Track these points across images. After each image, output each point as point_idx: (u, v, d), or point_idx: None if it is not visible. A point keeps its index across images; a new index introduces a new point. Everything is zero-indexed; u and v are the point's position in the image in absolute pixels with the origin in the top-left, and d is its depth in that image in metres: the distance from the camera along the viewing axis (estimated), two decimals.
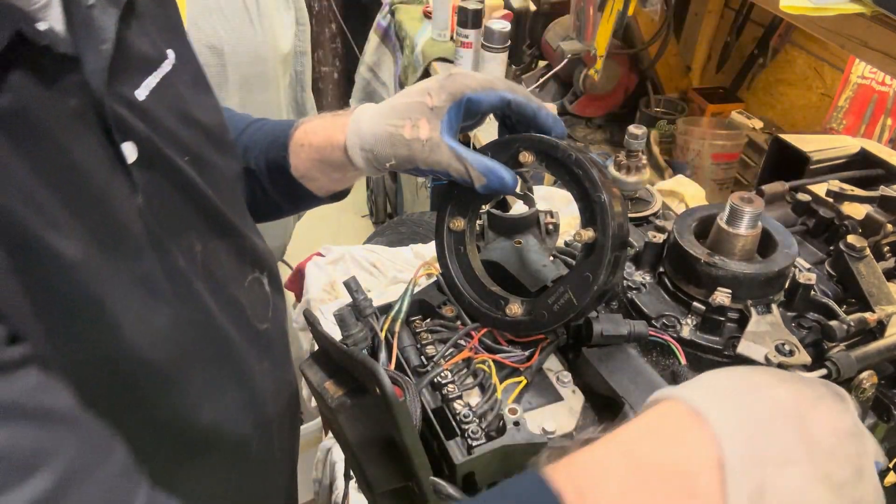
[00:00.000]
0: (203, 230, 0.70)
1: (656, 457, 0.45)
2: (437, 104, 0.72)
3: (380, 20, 2.82)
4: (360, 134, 0.76)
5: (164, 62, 0.67)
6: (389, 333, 0.70)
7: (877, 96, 1.53)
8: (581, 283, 0.63)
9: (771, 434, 0.46)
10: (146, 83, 0.63)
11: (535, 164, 0.68)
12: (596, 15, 1.64)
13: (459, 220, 0.73)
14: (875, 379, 0.63)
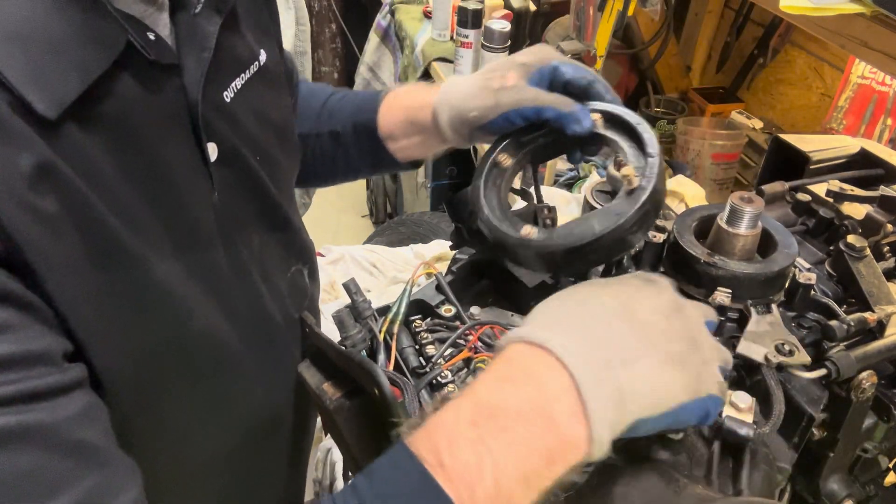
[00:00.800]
0: (261, 224, 0.73)
1: (510, 401, 0.46)
2: (527, 61, 0.76)
3: (380, 20, 2.82)
4: (450, 92, 0.80)
5: (254, 63, 0.70)
6: (388, 335, 0.70)
7: (877, 96, 1.53)
8: (608, 216, 0.62)
9: (610, 341, 0.49)
10: (234, 84, 0.66)
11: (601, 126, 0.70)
12: (596, 15, 1.64)
13: (508, 158, 0.73)
14: (875, 379, 0.63)
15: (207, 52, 0.59)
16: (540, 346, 0.48)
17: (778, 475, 0.63)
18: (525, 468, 0.45)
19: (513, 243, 0.65)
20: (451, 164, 2.46)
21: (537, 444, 0.45)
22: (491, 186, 0.72)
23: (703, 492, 0.57)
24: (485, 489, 0.44)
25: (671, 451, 0.62)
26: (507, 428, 0.45)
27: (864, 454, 0.71)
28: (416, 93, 0.86)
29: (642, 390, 0.48)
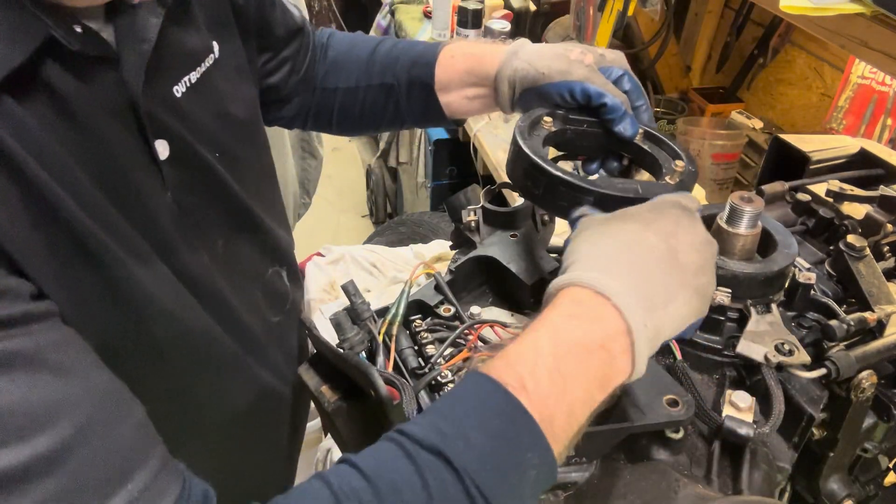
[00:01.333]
0: (226, 226, 0.72)
1: (578, 336, 0.51)
2: (605, 55, 0.79)
3: (380, 20, 2.82)
4: (523, 48, 0.81)
5: (208, 56, 0.68)
6: (387, 336, 0.70)
7: (877, 96, 1.53)
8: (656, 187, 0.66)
9: (655, 284, 0.53)
10: (186, 79, 0.64)
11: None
12: (596, 15, 1.64)
13: (551, 123, 0.75)
14: (875, 378, 0.63)
15: (147, 45, 0.58)
16: (600, 292, 0.52)
17: (778, 475, 0.63)
18: (588, 393, 0.50)
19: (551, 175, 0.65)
20: (451, 164, 2.47)
21: (599, 373, 0.51)
22: (531, 132, 0.73)
23: (702, 491, 0.57)
24: (561, 412, 0.49)
25: (671, 451, 0.62)
26: (580, 361, 0.50)
27: (864, 454, 0.71)
28: (484, 45, 0.87)
29: (673, 325, 0.54)
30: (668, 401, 0.58)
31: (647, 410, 0.58)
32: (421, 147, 2.53)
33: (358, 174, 3.43)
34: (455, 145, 2.37)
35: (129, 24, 0.57)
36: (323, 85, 0.94)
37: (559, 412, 0.49)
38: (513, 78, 0.80)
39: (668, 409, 0.58)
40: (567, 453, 0.52)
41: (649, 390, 0.60)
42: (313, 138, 2.20)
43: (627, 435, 0.61)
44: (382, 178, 3.02)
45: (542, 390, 0.49)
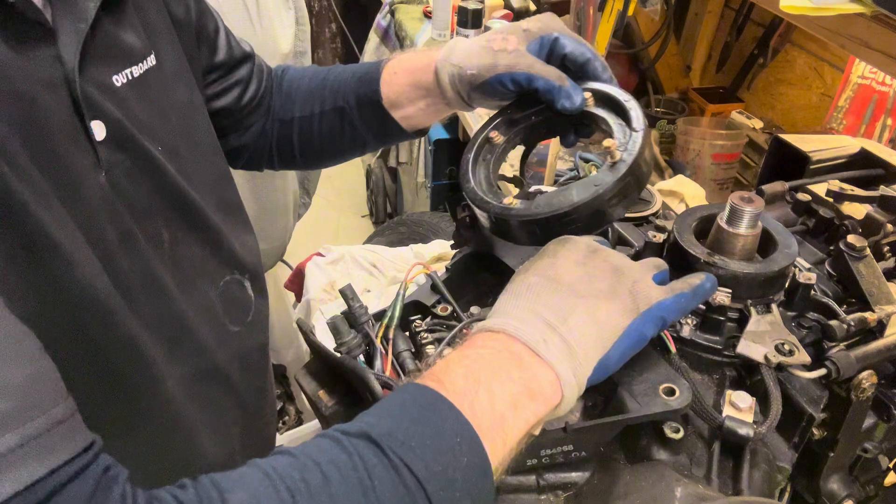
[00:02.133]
0: (172, 219, 0.71)
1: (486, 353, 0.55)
2: (530, 28, 0.77)
3: (380, 20, 2.82)
4: (453, 51, 0.81)
5: (148, 58, 0.69)
6: (384, 340, 0.70)
7: (877, 96, 1.53)
8: (587, 186, 0.63)
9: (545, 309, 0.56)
10: (126, 72, 0.66)
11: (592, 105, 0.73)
12: (596, 15, 1.64)
13: (499, 136, 0.75)
14: (875, 378, 0.63)
15: (84, 24, 0.59)
16: (497, 331, 0.56)
17: (778, 475, 0.63)
18: (511, 393, 0.52)
19: (495, 212, 0.66)
20: (451, 164, 2.46)
21: (515, 376, 0.53)
22: (480, 161, 0.73)
23: (702, 491, 0.57)
24: (481, 403, 0.51)
25: (671, 451, 0.62)
26: (490, 364, 0.53)
27: (864, 454, 0.71)
28: (419, 56, 0.87)
29: (586, 335, 0.55)
30: (664, 390, 0.58)
31: (644, 401, 0.58)
32: (421, 147, 2.53)
33: (358, 174, 3.43)
34: (455, 145, 2.37)
35: (66, 6, 0.59)
36: (279, 116, 0.95)
37: (479, 404, 0.51)
38: (453, 83, 0.81)
39: (664, 398, 0.58)
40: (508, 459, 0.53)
41: (646, 381, 0.59)
42: None
43: (626, 427, 0.61)
44: (382, 178, 3.02)
45: (458, 386, 0.51)
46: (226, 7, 1.63)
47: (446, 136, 2.40)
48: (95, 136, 0.61)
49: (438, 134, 2.41)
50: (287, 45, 1.88)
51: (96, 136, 0.61)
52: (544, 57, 0.76)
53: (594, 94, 0.72)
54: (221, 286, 0.78)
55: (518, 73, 0.73)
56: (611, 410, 0.60)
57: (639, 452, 0.63)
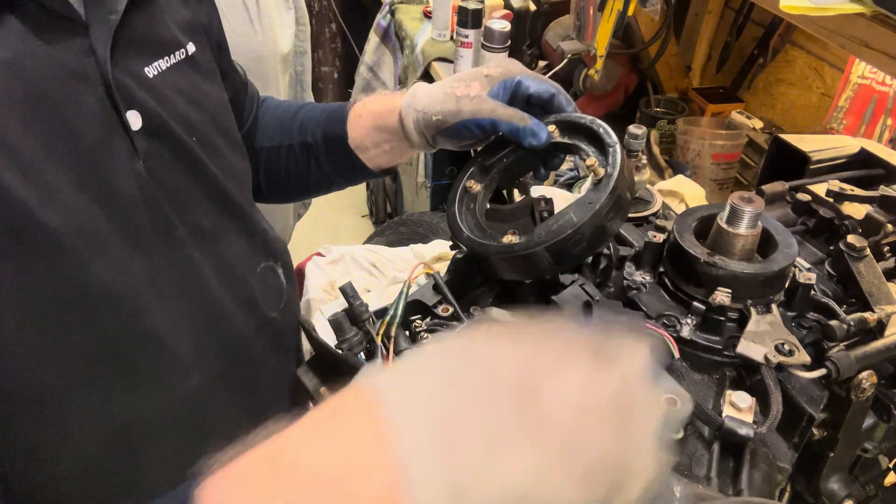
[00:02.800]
0: (211, 209, 0.72)
1: (313, 460, 0.36)
2: (492, 73, 0.78)
3: (380, 20, 2.82)
4: (416, 97, 0.82)
5: (180, 50, 0.70)
6: (385, 338, 0.70)
7: (877, 96, 1.53)
8: (582, 206, 0.65)
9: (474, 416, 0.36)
10: (157, 64, 0.66)
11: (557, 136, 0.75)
12: (596, 15, 1.63)
13: (476, 184, 0.77)
14: (875, 379, 0.63)
15: (115, 16, 0.60)
16: (378, 400, 0.38)
17: (778, 475, 0.63)
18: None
19: (499, 252, 0.66)
20: (450, 164, 2.46)
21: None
22: (465, 211, 0.75)
23: (702, 491, 0.57)
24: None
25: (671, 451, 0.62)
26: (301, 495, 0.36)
27: (865, 454, 0.71)
28: (383, 99, 0.88)
29: (501, 490, 0.35)
30: (665, 401, 0.58)
31: None
32: None
33: None
34: None
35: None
36: (248, 144, 0.96)
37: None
38: (418, 128, 0.82)
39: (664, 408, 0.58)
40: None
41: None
42: None
43: None
44: (382, 178, 3.02)
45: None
46: (226, 7, 1.63)
47: None
48: (132, 126, 0.62)
49: None
50: (287, 45, 1.88)
51: (132, 125, 0.62)
52: (507, 99, 0.77)
53: (558, 125, 0.76)
54: (259, 273, 0.80)
55: (482, 119, 0.76)
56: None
57: None
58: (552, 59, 2.04)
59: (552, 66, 1.99)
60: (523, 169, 0.80)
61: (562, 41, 1.92)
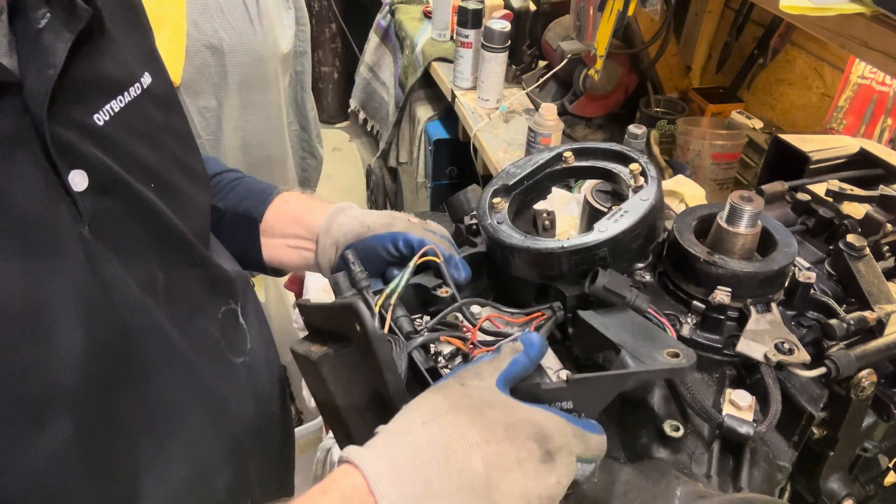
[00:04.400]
0: (167, 260, 0.67)
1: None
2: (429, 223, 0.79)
3: (380, 20, 2.83)
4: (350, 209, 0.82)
5: (133, 86, 0.65)
6: (383, 308, 0.68)
7: (877, 96, 1.53)
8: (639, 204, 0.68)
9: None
10: (108, 108, 0.61)
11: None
12: (596, 15, 1.64)
13: (502, 202, 0.77)
14: (874, 377, 0.63)
15: (53, 70, 0.54)
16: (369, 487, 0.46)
17: (778, 473, 0.63)
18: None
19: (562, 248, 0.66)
20: (451, 164, 2.46)
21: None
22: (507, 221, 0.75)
23: (702, 489, 0.57)
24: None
25: (671, 450, 0.62)
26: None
27: (864, 453, 0.71)
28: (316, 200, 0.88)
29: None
30: (668, 353, 0.58)
31: (648, 361, 0.57)
32: (421, 147, 2.53)
33: (358, 174, 3.43)
34: (455, 145, 2.37)
35: (32, 50, 0.54)
36: None
37: None
38: (338, 231, 0.80)
39: (668, 358, 0.57)
40: None
41: (648, 346, 0.59)
42: (313, 138, 2.20)
43: (625, 425, 0.60)
44: (382, 178, 3.02)
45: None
46: (226, 7, 1.63)
47: (446, 136, 2.40)
48: (75, 188, 0.56)
49: (438, 134, 2.41)
50: (287, 45, 1.88)
51: (76, 186, 0.56)
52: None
53: (573, 151, 0.78)
54: (220, 319, 0.75)
55: (411, 236, 0.75)
56: (614, 368, 0.58)
57: (639, 451, 0.63)
58: (552, 59, 2.04)
59: (552, 67, 2.00)
60: (541, 192, 0.81)
61: (562, 41, 1.92)
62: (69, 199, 0.56)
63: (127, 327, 0.60)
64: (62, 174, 0.55)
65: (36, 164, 0.54)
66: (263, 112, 1.82)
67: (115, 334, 0.59)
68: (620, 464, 0.63)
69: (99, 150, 0.59)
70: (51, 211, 0.55)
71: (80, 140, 0.57)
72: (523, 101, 2.11)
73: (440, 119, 2.48)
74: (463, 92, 2.16)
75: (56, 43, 0.55)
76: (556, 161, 0.79)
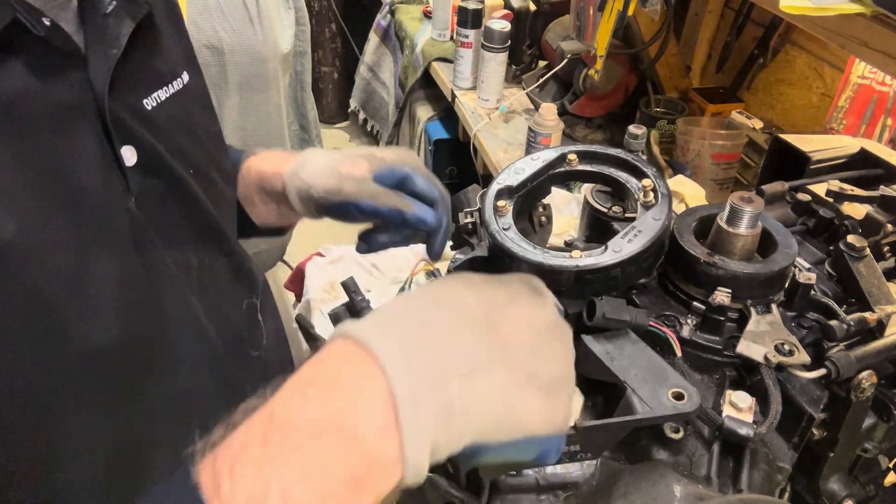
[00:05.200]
0: (201, 245, 0.70)
1: (308, 412, 0.38)
2: (384, 157, 0.75)
3: (380, 20, 2.83)
4: (303, 165, 0.79)
5: (177, 80, 0.70)
6: None
7: (877, 96, 1.53)
8: (651, 223, 0.68)
9: (453, 348, 0.42)
10: (156, 95, 0.66)
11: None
12: (596, 15, 1.64)
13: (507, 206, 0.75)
14: (874, 379, 0.63)
15: (116, 50, 0.59)
16: (362, 345, 0.41)
17: (778, 475, 0.63)
18: (322, 493, 0.37)
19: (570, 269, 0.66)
20: (451, 164, 2.46)
21: (337, 465, 0.38)
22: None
23: (702, 491, 0.57)
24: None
25: (671, 451, 0.62)
26: (300, 446, 0.38)
27: (865, 454, 0.71)
28: (273, 160, 0.85)
29: (483, 408, 0.41)
30: (673, 394, 0.58)
31: (653, 403, 0.57)
32: (421, 147, 2.53)
33: None
34: (455, 145, 2.37)
35: (98, 32, 0.59)
36: None
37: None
38: (298, 198, 0.80)
39: (674, 401, 0.57)
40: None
41: (653, 384, 0.59)
42: (313, 138, 2.20)
43: (631, 430, 0.60)
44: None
45: (241, 494, 0.36)
46: (226, 7, 1.63)
47: (446, 136, 2.40)
48: (126, 162, 0.60)
49: (438, 134, 2.41)
50: (287, 45, 1.88)
51: (127, 161, 0.60)
52: (392, 186, 0.75)
53: (578, 154, 0.77)
54: (244, 310, 0.77)
55: (363, 203, 0.74)
56: (618, 412, 0.59)
57: (639, 452, 0.63)
58: (552, 59, 2.04)
59: (552, 67, 1.99)
60: (544, 190, 0.80)
61: (562, 41, 1.92)
62: (120, 173, 0.60)
63: (163, 309, 0.63)
64: (116, 147, 0.59)
65: (94, 134, 0.58)
66: (263, 112, 1.82)
67: (151, 316, 0.62)
68: (620, 465, 0.63)
69: (147, 132, 0.63)
70: (104, 181, 0.59)
71: (132, 119, 0.62)
72: (523, 101, 2.11)
73: (440, 119, 2.48)
74: (463, 92, 2.16)
75: (119, 28, 0.61)
76: (560, 162, 0.78)
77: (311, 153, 0.80)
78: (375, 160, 0.76)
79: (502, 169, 0.79)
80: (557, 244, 0.82)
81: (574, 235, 0.93)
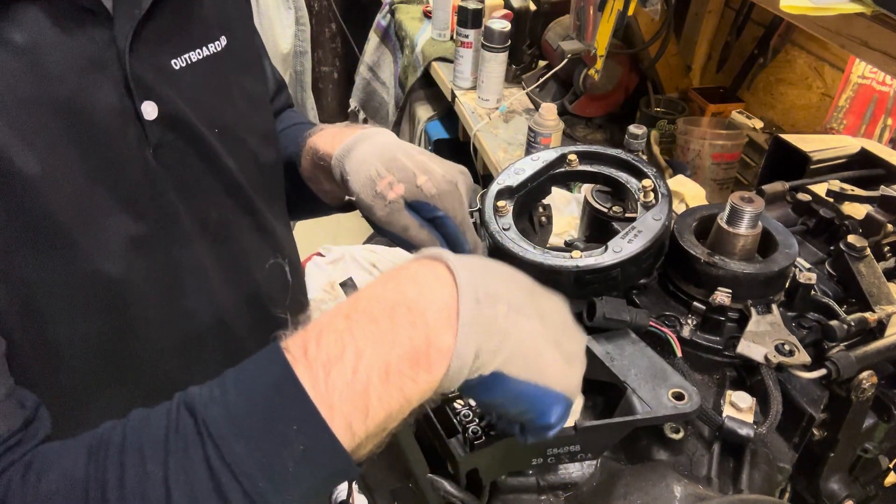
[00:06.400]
0: (223, 203, 0.73)
1: (388, 295, 0.46)
2: (425, 187, 0.71)
3: (380, 20, 2.82)
4: (349, 157, 0.74)
5: (213, 44, 0.72)
6: None
7: (877, 96, 1.53)
8: (651, 224, 0.68)
9: (507, 287, 0.50)
10: (186, 56, 0.68)
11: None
12: (596, 15, 1.64)
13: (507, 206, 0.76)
14: (875, 379, 0.63)
15: (139, 11, 0.62)
16: (440, 260, 0.48)
17: (778, 475, 0.63)
18: (387, 360, 0.44)
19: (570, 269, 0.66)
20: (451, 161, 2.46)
21: (402, 338, 0.45)
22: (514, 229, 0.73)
23: (702, 491, 0.57)
24: (341, 371, 0.44)
25: (671, 452, 0.62)
26: (375, 320, 0.45)
27: (865, 454, 0.71)
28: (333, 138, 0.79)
29: (518, 339, 0.48)
30: (673, 394, 0.58)
31: (653, 404, 0.58)
32: (420, 147, 2.53)
33: None
34: (455, 145, 2.37)
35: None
36: None
37: (339, 372, 0.44)
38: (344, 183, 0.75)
39: (674, 401, 0.58)
40: (371, 441, 0.46)
41: (653, 384, 0.59)
42: None
43: (632, 430, 0.61)
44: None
45: (322, 354, 0.44)
46: None
47: (446, 136, 2.40)
48: (146, 116, 0.64)
49: (438, 134, 2.41)
50: (287, 45, 1.88)
51: (147, 115, 0.64)
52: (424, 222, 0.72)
53: (578, 154, 0.77)
54: (267, 269, 0.80)
55: (392, 233, 0.72)
56: (619, 412, 0.59)
57: (639, 453, 0.63)
58: (552, 58, 2.04)
59: (552, 66, 1.99)
60: (546, 190, 0.80)
61: (562, 41, 1.92)
62: (139, 125, 0.64)
63: (171, 255, 0.67)
64: (136, 102, 0.63)
65: (115, 88, 0.62)
66: None
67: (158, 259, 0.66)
68: (621, 466, 0.63)
69: (171, 89, 0.66)
70: (121, 130, 0.62)
71: (156, 77, 0.65)
72: (523, 101, 2.11)
73: (440, 119, 2.48)
74: (463, 92, 2.16)
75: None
76: (560, 163, 0.78)
77: (360, 137, 0.75)
78: (413, 189, 0.71)
79: (502, 169, 0.79)
80: (557, 244, 0.82)
81: (574, 235, 0.93)
